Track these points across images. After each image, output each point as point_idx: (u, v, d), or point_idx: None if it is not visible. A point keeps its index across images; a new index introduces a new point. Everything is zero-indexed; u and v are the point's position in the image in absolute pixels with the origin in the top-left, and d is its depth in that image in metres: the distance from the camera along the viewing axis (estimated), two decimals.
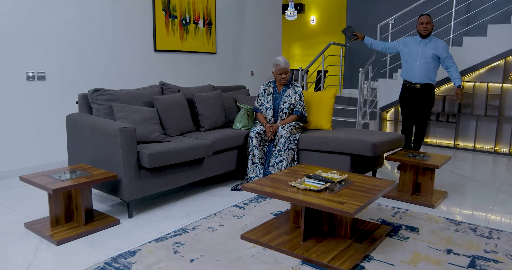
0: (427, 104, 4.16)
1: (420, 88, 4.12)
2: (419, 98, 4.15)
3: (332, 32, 9.68)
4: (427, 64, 4.05)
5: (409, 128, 4.30)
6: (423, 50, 4.06)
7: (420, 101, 4.15)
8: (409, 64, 4.16)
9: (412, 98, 4.19)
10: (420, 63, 4.07)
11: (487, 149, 5.40)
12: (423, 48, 4.06)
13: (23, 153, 3.94)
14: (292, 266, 2.23)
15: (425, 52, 4.04)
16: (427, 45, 4.05)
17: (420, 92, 4.13)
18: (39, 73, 3.95)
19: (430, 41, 4.06)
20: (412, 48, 4.12)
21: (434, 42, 4.05)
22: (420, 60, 4.07)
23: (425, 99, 4.14)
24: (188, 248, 2.43)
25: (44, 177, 2.64)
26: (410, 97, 4.20)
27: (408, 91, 4.22)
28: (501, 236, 2.66)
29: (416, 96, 4.16)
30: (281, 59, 3.79)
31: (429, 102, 4.16)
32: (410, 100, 4.21)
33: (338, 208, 2.12)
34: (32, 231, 2.63)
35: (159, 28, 4.98)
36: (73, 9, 4.14)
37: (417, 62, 4.09)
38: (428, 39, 4.07)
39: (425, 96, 4.14)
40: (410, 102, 4.21)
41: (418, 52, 4.07)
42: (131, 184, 2.85)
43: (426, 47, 4.05)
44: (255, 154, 3.62)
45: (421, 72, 4.08)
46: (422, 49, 4.06)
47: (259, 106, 3.92)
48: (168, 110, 3.51)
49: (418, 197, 3.36)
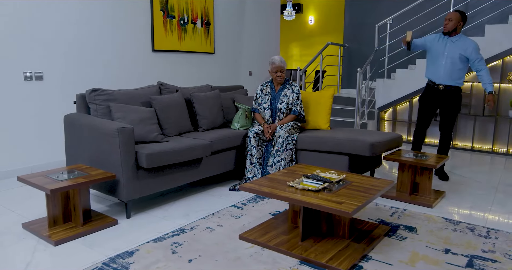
0: (451, 108, 3.86)
1: (443, 90, 3.83)
2: (442, 101, 3.87)
3: (330, 32, 9.69)
4: (452, 65, 3.76)
5: (422, 131, 4.04)
6: (450, 49, 3.76)
7: (443, 105, 3.88)
8: (433, 63, 3.87)
9: (434, 100, 3.91)
10: (445, 63, 3.78)
11: (485, 149, 5.41)
12: (450, 47, 3.76)
13: (21, 153, 3.93)
14: (290, 266, 2.23)
15: (452, 52, 3.75)
16: (454, 44, 3.75)
17: (443, 94, 3.85)
18: (36, 73, 3.95)
19: (459, 40, 3.74)
20: (438, 47, 3.83)
21: (463, 41, 3.74)
22: (446, 60, 3.77)
23: (450, 102, 3.84)
24: (186, 248, 2.42)
25: (42, 177, 2.63)
26: (432, 98, 3.92)
27: (431, 92, 3.93)
28: (499, 236, 2.67)
29: (438, 98, 3.88)
30: (276, 57, 3.79)
31: (454, 106, 3.85)
32: (431, 102, 3.93)
33: (336, 208, 2.12)
34: (30, 232, 2.62)
35: (157, 28, 4.98)
36: (71, 10, 4.13)
37: (442, 62, 3.80)
38: (456, 37, 3.75)
39: (449, 99, 3.84)
40: (431, 104, 3.94)
41: (444, 51, 3.78)
42: (129, 184, 2.84)
43: (453, 46, 3.75)
44: (253, 154, 3.62)
45: (446, 73, 3.79)
46: (449, 48, 3.76)
47: (257, 106, 3.92)
48: (166, 110, 3.50)
49: (416, 197, 3.37)
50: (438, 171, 4.06)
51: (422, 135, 4.06)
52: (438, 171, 4.06)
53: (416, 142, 4.09)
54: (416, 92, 5.67)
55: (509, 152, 5.24)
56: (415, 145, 4.09)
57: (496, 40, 4.99)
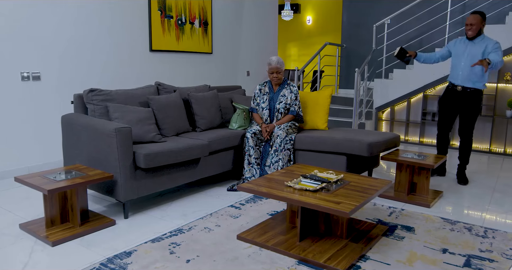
0: (470, 111, 3.73)
1: (462, 92, 3.72)
2: (460, 103, 3.76)
3: (328, 32, 9.70)
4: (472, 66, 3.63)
5: (444, 134, 3.93)
6: (470, 49, 3.68)
7: (461, 107, 3.77)
8: (454, 65, 3.81)
9: (452, 102, 3.81)
10: (464, 64, 3.69)
11: (482, 149, 5.43)
12: (471, 48, 3.68)
13: (18, 153, 3.91)
14: (288, 266, 2.23)
15: (472, 52, 3.66)
16: (475, 45, 3.66)
17: (462, 96, 3.73)
18: (34, 73, 3.93)
19: (480, 41, 3.65)
20: (459, 48, 3.77)
21: (484, 42, 3.64)
22: (465, 61, 3.69)
23: (468, 105, 3.72)
24: (184, 248, 2.42)
25: (39, 178, 2.63)
26: (450, 100, 3.82)
27: (449, 93, 3.84)
28: (496, 236, 2.67)
29: (457, 99, 3.77)
30: (274, 58, 3.78)
31: (472, 109, 3.72)
32: (449, 103, 3.83)
33: (334, 208, 2.13)
34: (27, 232, 2.62)
35: (155, 28, 4.97)
36: (69, 10, 4.12)
37: (461, 63, 3.72)
38: (478, 39, 3.67)
39: (468, 102, 3.72)
40: (449, 106, 3.84)
41: (465, 52, 3.71)
42: (127, 184, 2.84)
43: (473, 47, 3.67)
44: (251, 154, 3.62)
45: (464, 73, 3.70)
46: (470, 49, 3.69)
47: (255, 106, 3.91)
48: (164, 110, 3.50)
49: (414, 197, 3.37)
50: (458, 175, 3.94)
51: (445, 138, 3.95)
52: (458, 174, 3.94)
53: (440, 147, 3.99)
54: (414, 92, 5.68)
55: (507, 152, 5.26)
56: (439, 149, 3.99)
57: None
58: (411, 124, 5.95)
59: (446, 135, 3.94)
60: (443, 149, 3.99)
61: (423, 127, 5.84)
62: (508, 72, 5.12)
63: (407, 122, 5.95)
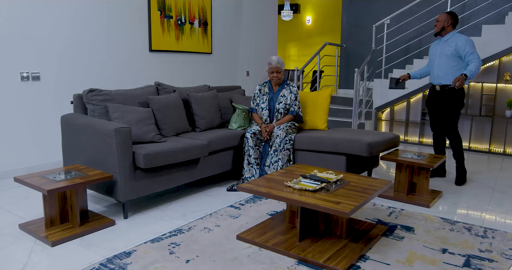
0: (447, 108, 3.77)
1: (440, 91, 3.79)
2: (440, 102, 3.81)
3: (328, 32, 9.71)
4: (446, 63, 3.72)
5: (437, 135, 3.97)
6: (442, 48, 3.77)
7: (441, 105, 3.81)
8: (430, 65, 3.92)
9: (434, 102, 3.88)
10: (438, 63, 3.78)
11: (482, 149, 5.43)
12: (443, 47, 3.77)
13: (18, 153, 3.91)
14: (288, 266, 2.23)
15: (444, 51, 3.74)
16: (446, 43, 3.74)
17: (440, 94, 3.79)
18: (33, 73, 3.93)
19: (451, 38, 3.72)
20: (433, 49, 3.89)
21: (455, 38, 3.69)
22: (438, 60, 3.78)
23: (445, 103, 3.77)
24: (184, 248, 2.42)
25: (38, 178, 2.62)
26: (432, 100, 3.90)
27: (430, 94, 3.93)
28: (496, 236, 2.68)
29: (437, 99, 3.83)
30: (274, 58, 3.79)
31: (450, 106, 3.75)
32: (431, 104, 3.91)
33: (334, 208, 2.13)
34: (27, 232, 2.62)
35: (155, 28, 4.97)
36: (68, 9, 4.12)
37: (435, 62, 3.82)
38: (448, 35, 3.74)
39: (445, 99, 3.77)
40: (432, 106, 3.91)
41: (437, 52, 3.81)
42: (126, 184, 2.84)
43: (445, 45, 3.75)
44: (251, 154, 3.62)
45: (439, 72, 3.77)
46: (442, 47, 3.77)
47: (255, 106, 3.91)
48: (164, 111, 3.50)
49: (414, 197, 3.37)
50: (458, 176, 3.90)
51: (439, 139, 3.97)
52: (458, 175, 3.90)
53: (437, 148, 4.01)
54: (413, 92, 5.68)
55: (506, 152, 5.26)
56: (436, 150, 4.02)
57: (492, 41, 5.00)
58: (411, 124, 5.95)
59: (438, 135, 3.97)
60: (440, 150, 4.01)
61: (423, 127, 5.84)
62: (507, 72, 5.12)
63: (406, 122, 5.96)
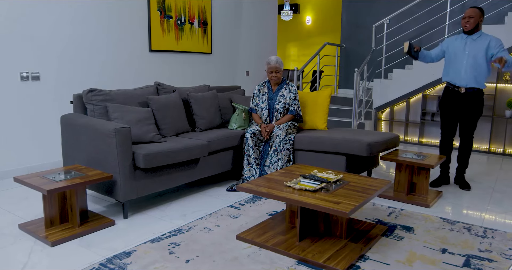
0: (472, 113, 3.55)
1: (465, 93, 3.52)
2: (463, 105, 3.56)
3: (328, 32, 9.70)
4: (476, 65, 3.45)
5: (448, 140, 3.74)
6: (471, 47, 3.47)
7: (464, 109, 3.57)
8: (453, 64, 3.57)
9: (455, 104, 3.60)
10: (467, 63, 3.48)
11: (482, 149, 5.43)
12: (471, 46, 3.48)
13: (18, 153, 3.91)
14: (287, 266, 2.23)
15: (474, 50, 3.46)
16: (475, 42, 3.47)
17: (465, 97, 3.53)
18: (33, 74, 3.93)
19: (479, 38, 3.46)
20: (458, 47, 3.54)
21: (485, 38, 3.45)
22: (468, 59, 3.48)
23: (471, 107, 3.54)
24: (184, 248, 2.42)
25: (38, 178, 2.62)
26: (453, 102, 3.60)
27: (451, 96, 3.61)
28: (496, 235, 2.68)
29: (459, 102, 3.56)
30: (273, 58, 3.79)
31: (475, 111, 3.55)
32: (452, 106, 3.62)
33: (334, 208, 2.13)
34: (27, 232, 2.62)
35: (154, 28, 4.97)
36: (68, 9, 4.12)
37: (463, 62, 3.50)
38: (477, 34, 3.47)
39: (471, 103, 3.53)
40: (452, 109, 3.63)
41: (465, 50, 3.49)
42: (126, 184, 2.84)
43: (474, 44, 3.47)
44: (251, 154, 3.62)
45: (467, 73, 3.48)
46: (470, 46, 3.48)
47: (254, 106, 3.91)
48: (164, 111, 3.50)
49: (413, 197, 3.37)
50: (457, 180, 3.80)
51: (449, 143, 3.75)
52: (457, 179, 3.80)
53: (444, 150, 3.79)
54: (413, 92, 5.68)
55: (506, 152, 5.26)
56: (442, 152, 3.80)
57: None
58: (411, 124, 5.95)
59: (451, 140, 3.75)
60: (448, 153, 3.80)
61: (423, 127, 5.85)
62: (507, 72, 5.12)
63: (406, 122, 5.96)
